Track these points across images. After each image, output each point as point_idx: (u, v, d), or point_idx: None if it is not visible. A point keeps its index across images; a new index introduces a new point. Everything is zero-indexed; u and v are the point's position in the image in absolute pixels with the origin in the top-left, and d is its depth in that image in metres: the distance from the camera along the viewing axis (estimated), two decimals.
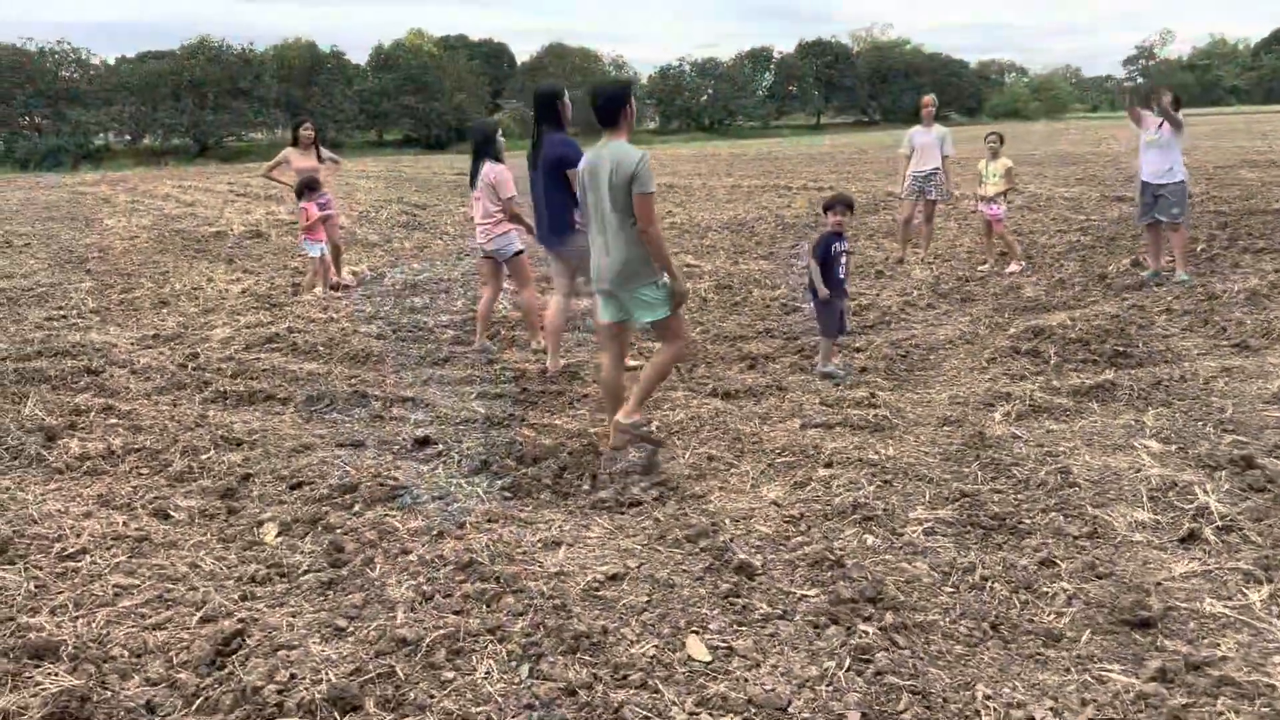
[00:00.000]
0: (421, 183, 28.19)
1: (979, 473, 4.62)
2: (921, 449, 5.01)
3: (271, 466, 4.94)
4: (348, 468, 4.87)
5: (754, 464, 4.92)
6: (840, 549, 3.86)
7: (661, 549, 3.95)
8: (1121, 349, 6.70)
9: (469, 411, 5.77)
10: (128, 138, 60.13)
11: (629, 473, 4.81)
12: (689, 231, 14.85)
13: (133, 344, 8.11)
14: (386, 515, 4.31)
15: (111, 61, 61.41)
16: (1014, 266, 10.23)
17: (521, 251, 7.42)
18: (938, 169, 10.79)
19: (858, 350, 7.15)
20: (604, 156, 4.74)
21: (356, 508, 4.43)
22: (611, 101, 4.81)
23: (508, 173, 7.26)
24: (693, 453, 5.08)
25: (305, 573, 3.81)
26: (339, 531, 4.16)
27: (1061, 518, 4.12)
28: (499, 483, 4.70)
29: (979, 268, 10.43)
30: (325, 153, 10.93)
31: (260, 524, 4.31)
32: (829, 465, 4.81)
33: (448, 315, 8.90)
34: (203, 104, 58.67)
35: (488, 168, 7.31)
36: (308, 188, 10.13)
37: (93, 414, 5.92)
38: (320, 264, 10.20)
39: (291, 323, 8.71)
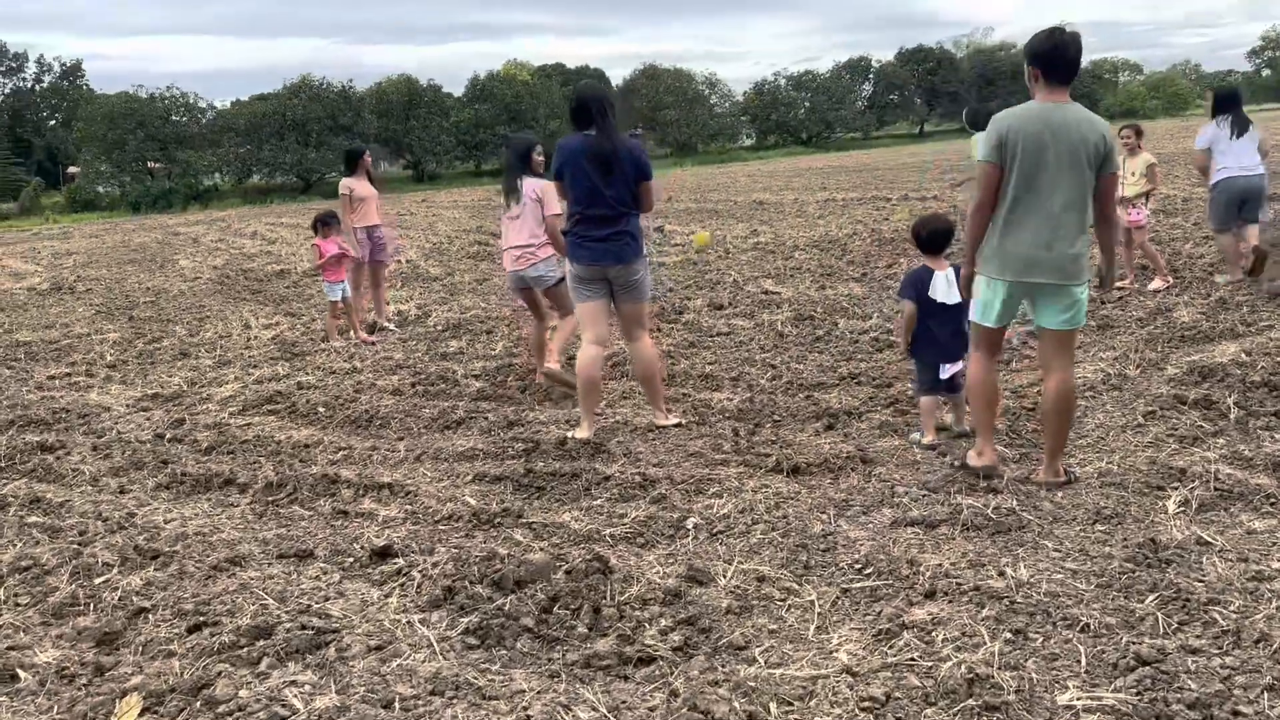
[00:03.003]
0: None
1: (1159, 615, 3.09)
2: (1068, 566, 3.50)
3: (177, 596, 3.73)
4: (269, 600, 3.63)
5: (822, 590, 3.49)
6: None
7: None
8: None
9: (455, 504, 4.47)
10: (235, 178, 61.59)
11: (648, 602, 3.44)
12: (773, 252, 13.40)
13: (128, 406, 7.13)
14: (294, 679, 3.04)
15: (228, 105, 63.20)
16: (1158, 283, 8.50)
17: (563, 279, 6.22)
18: None
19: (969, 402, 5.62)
20: None
21: (262, 664, 3.18)
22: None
23: (552, 187, 6.11)
24: (737, 569, 3.67)
25: None
26: (221, 711, 2.91)
27: None
28: (463, 622, 3.38)
29: (1116, 284, 8.71)
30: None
31: (124, 694, 3.09)
32: (931, 596, 3.35)
33: (482, 362, 7.68)
34: (305, 142, 59.71)
35: (531, 183, 6.38)
36: (322, 222, 9.09)
37: (12, 510, 4.86)
38: (343, 308, 9.12)
39: (306, 376, 7.62)
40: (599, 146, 5.21)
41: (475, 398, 6.67)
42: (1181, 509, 3.92)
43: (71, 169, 61.02)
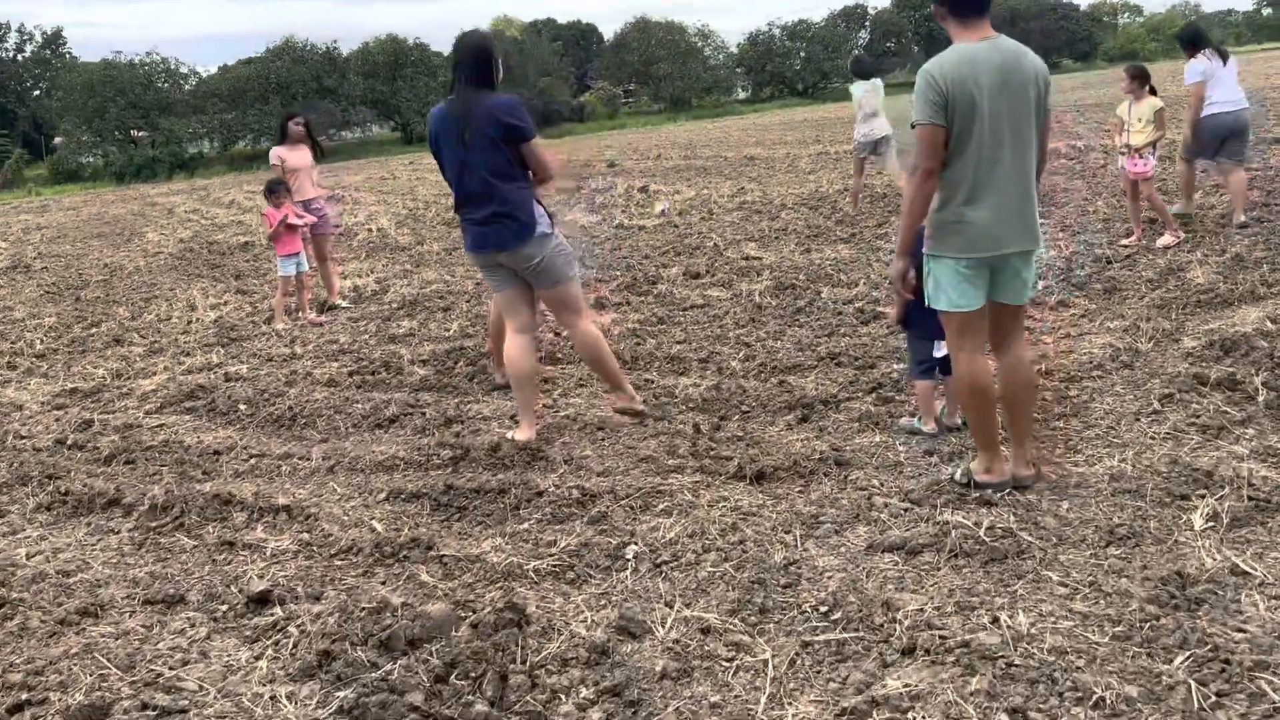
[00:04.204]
0: None
1: (1192, 684, 2.46)
2: (1077, 609, 2.86)
3: (9, 662, 3.12)
4: (113, 668, 3.01)
5: (779, 643, 2.87)
6: None
7: None
8: None
9: (359, 531, 3.84)
10: (220, 145, 60.47)
11: (568, 663, 2.83)
12: (759, 212, 12.67)
13: (42, 404, 6.50)
14: None
15: (214, 71, 61.90)
16: (1168, 238, 7.81)
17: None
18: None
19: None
20: None
21: None
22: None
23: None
24: (679, 617, 3.05)
25: None
26: None
27: None
28: (338, 698, 2.77)
29: (1122, 242, 8.03)
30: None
31: None
32: (910, 653, 2.72)
33: (433, 345, 7.02)
34: (290, 105, 58.47)
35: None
36: (270, 190, 8.39)
37: None
38: (295, 284, 8.46)
39: (239, 365, 6.98)
40: (450, 110, 4.49)
41: (417, 388, 6.03)
42: (1210, 524, 3.28)
43: (58, 139, 59.92)
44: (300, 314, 8.52)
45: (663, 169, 21.90)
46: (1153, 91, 7.96)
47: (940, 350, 4.16)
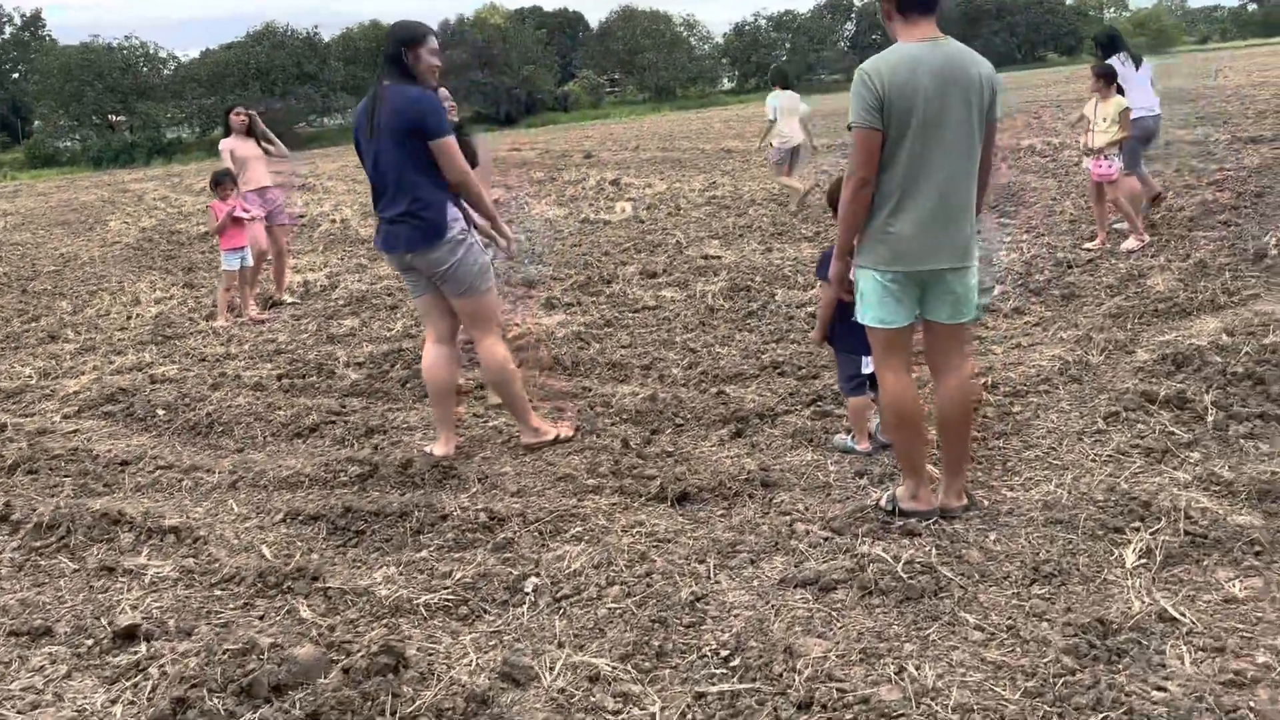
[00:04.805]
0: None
1: None
2: (989, 658, 2.66)
3: None
4: None
5: (671, 694, 2.66)
6: None
7: None
8: None
9: (246, 558, 3.61)
10: (199, 130, 59.78)
11: (442, 714, 2.61)
12: (728, 207, 12.45)
13: None
14: None
15: (195, 56, 61.15)
16: (1132, 242, 7.63)
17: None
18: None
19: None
20: None
21: None
22: None
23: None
24: (568, 661, 2.83)
25: None
26: None
27: None
28: None
29: (1085, 245, 7.85)
30: (271, 145, 8.85)
31: None
32: (806, 709, 2.51)
33: (372, 346, 6.78)
34: (270, 91, 57.79)
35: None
36: (216, 182, 8.12)
37: None
38: (239, 278, 8.19)
39: (169, 365, 6.72)
40: (367, 103, 4.26)
41: (347, 393, 5.79)
42: (1142, 561, 3.09)
43: (36, 123, 59.15)
44: (243, 310, 8.26)
45: (639, 160, 21.66)
46: (1119, 90, 7.77)
47: (868, 366, 3.95)
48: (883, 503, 3.61)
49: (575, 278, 8.57)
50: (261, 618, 3.19)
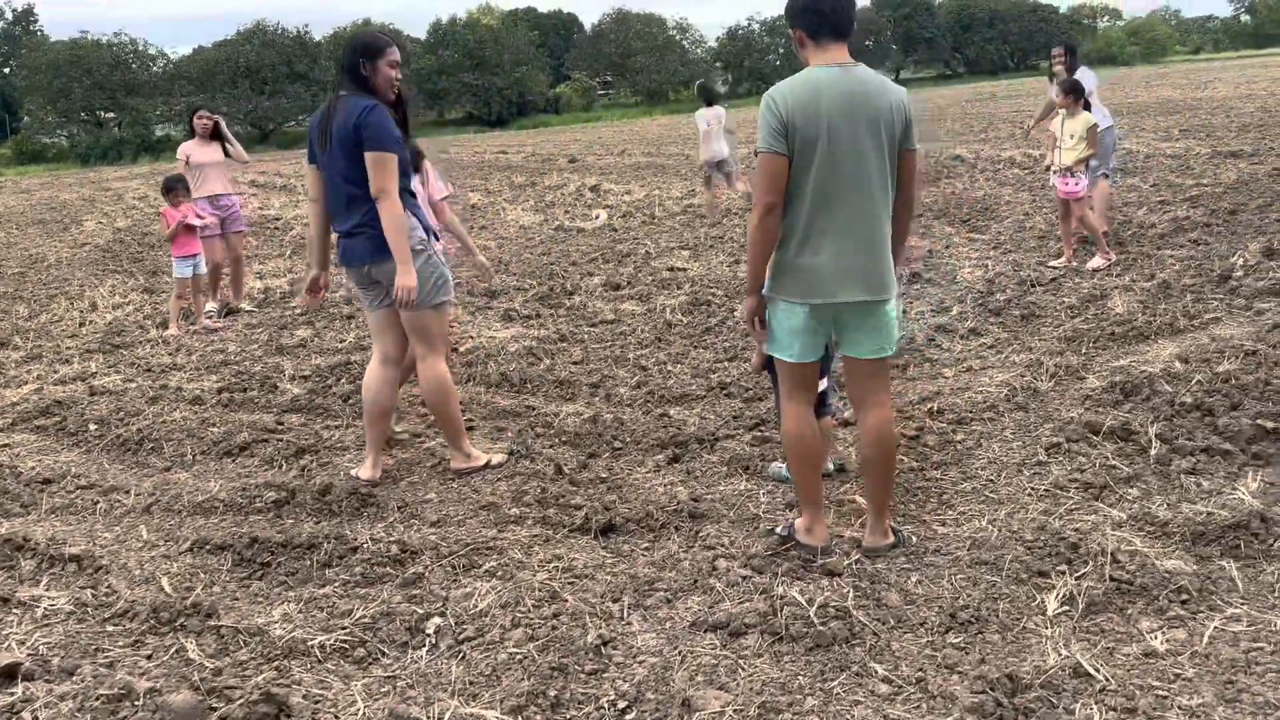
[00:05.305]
0: (455, 164, 26.04)
1: None
2: (893, 715, 2.54)
3: None
4: None
5: None
6: None
7: None
8: (1273, 424, 4.07)
9: (146, 590, 3.47)
10: (188, 128, 59.43)
11: None
12: (702, 216, 12.34)
13: None
14: None
15: (187, 53, 60.82)
16: (1098, 261, 7.53)
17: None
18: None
19: (849, 424, 4.66)
20: None
21: None
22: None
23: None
24: (455, 714, 2.70)
25: None
26: None
27: None
28: None
29: (1051, 263, 7.75)
30: (231, 146, 8.71)
31: None
32: None
33: (320, 359, 6.65)
34: (260, 90, 57.57)
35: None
36: (168, 188, 7.99)
37: None
38: (194, 285, 8.05)
39: (113, 375, 6.58)
40: (320, 113, 4.15)
41: (286, 409, 5.65)
42: (1064, 609, 2.97)
43: (26, 119, 58.83)
44: (197, 318, 8.12)
45: (622, 166, 21.56)
46: (1087, 106, 7.67)
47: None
48: (779, 530, 3.54)
49: (538, 289, 8.45)
50: (149, 657, 3.05)
